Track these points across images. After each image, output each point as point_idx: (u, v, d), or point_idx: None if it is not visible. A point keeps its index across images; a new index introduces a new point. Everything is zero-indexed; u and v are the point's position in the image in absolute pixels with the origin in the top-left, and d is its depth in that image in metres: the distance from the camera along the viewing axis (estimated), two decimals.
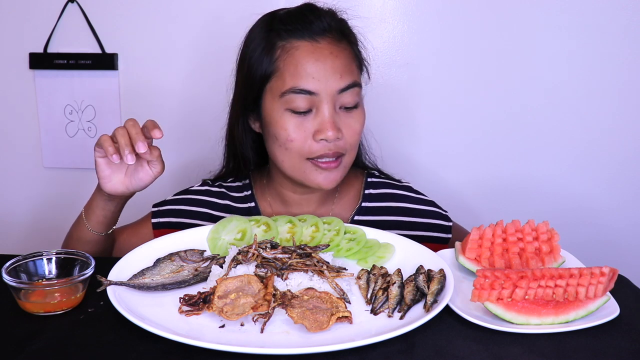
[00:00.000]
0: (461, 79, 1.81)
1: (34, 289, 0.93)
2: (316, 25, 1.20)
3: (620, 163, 1.83)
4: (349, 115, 1.21)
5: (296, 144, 1.19)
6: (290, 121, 1.19)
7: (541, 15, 1.74)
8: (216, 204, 1.38)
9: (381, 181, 1.41)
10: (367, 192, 1.38)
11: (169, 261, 1.04)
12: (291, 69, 1.17)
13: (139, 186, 1.16)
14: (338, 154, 1.21)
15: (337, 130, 1.18)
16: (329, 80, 1.17)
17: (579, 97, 1.79)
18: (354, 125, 1.22)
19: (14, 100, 1.93)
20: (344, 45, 1.22)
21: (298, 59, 1.17)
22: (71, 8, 1.84)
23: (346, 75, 1.19)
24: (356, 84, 1.21)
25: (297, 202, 1.35)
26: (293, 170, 1.24)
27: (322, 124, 1.17)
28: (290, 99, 1.17)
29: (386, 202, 1.37)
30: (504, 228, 1.07)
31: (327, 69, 1.17)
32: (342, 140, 1.20)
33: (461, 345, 0.85)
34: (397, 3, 1.78)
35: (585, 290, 0.90)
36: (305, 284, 0.96)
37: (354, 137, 1.22)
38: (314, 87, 1.16)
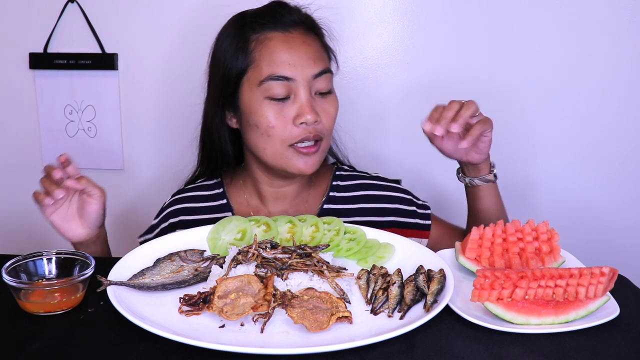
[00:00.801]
0: (461, 79, 1.81)
1: (34, 289, 0.93)
2: (287, 18, 1.27)
3: (621, 163, 1.83)
4: (324, 100, 1.27)
5: (277, 130, 1.23)
6: (270, 108, 1.23)
7: (541, 16, 1.74)
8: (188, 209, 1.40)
9: (349, 174, 1.46)
10: (335, 183, 1.42)
11: (169, 261, 1.04)
12: (267, 58, 1.23)
13: (95, 218, 1.19)
14: (317, 137, 1.25)
15: (315, 114, 1.23)
16: (303, 66, 1.22)
17: (579, 97, 1.79)
18: (329, 109, 1.28)
19: (14, 100, 1.93)
20: (313, 36, 1.29)
21: (273, 49, 1.23)
22: (71, 8, 1.84)
23: (319, 61, 1.25)
24: (328, 70, 1.28)
25: (274, 196, 1.39)
26: (274, 157, 1.27)
27: (300, 108, 1.23)
28: (268, 87, 1.22)
29: (353, 192, 1.41)
30: (504, 228, 1.07)
31: (302, 56, 1.23)
32: (320, 124, 1.25)
33: (461, 345, 0.85)
34: (397, 3, 1.78)
35: (585, 290, 0.90)
36: (305, 284, 0.96)
37: (330, 121, 1.28)
38: (291, 73, 1.22)
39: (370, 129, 1.87)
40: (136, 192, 1.96)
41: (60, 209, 1.17)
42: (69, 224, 1.19)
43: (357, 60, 1.83)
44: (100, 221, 1.21)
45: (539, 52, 1.76)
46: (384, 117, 1.87)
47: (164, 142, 1.92)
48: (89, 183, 1.15)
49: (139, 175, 1.96)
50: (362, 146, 1.88)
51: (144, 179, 1.96)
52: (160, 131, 1.92)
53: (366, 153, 1.88)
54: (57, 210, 1.17)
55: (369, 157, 1.88)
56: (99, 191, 1.17)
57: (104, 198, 1.18)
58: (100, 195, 1.17)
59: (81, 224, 1.19)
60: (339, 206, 1.39)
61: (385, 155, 1.89)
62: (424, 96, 1.83)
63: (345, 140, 1.53)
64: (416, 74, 1.82)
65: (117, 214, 1.97)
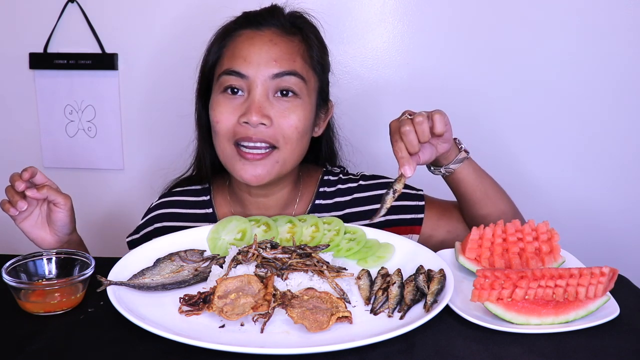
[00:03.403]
0: (461, 79, 1.81)
1: (34, 289, 0.93)
2: (267, 19, 1.24)
3: (621, 164, 1.83)
4: (284, 106, 1.19)
5: (222, 126, 1.19)
6: (222, 102, 1.20)
7: (542, 16, 1.74)
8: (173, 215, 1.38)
9: (335, 179, 1.38)
10: (322, 189, 1.36)
11: (169, 261, 1.04)
12: (230, 52, 1.22)
13: (61, 225, 1.18)
14: (265, 142, 1.18)
15: (262, 116, 1.16)
16: (261, 65, 1.18)
17: (579, 96, 1.79)
18: (289, 115, 1.19)
19: (14, 100, 1.93)
20: (291, 38, 1.23)
21: (237, 44, 1.22)
22: (71, 8, 1.84)
23: (283, 62, 1.19)
24: (295, 73, 1.20)
25: (256, 205, 1.33)
26: (223, 158, 1.23)
27: (248, 106, 1.17)
28: (224, 81, 1.20)
29: (339, 197, 1.35)
30: (504, 228, 1.07)
31: (263, 55, 1.18)
32: (270, 129, 1.18)
33: (461, 345, 0.85)
34: (397, 3, 1.78)
35: (585, 290, 0.90)
36: (305, 284, 0.96)
37: (289, 129, 1.19)
38: (246, 70, 1.18)
39: (370, 129, 1.87)
40: (136, 192, 1.96)
41: (30, 217, 1.17)
42: (39, 232, 1.18)
43: (357, 60, 1.83)
44: (68, 228, 1.19)
45: (540, 52, 1.76)
46: (383, 117, 1.86)
47: (164, 142, 1.92)
48: (51, 191, 1.13)
49: (139, 175, 1.96)
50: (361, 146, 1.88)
51: (144, 179, 1.96)
52: (161, 131, 1.92)
53: (365, 153, 1.88)
54: (26, 219, 1.17)
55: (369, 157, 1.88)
56: (63, 199, 1.14)
57: (69, 205, 1.16)
58: (65, 203, 1.15)
59: (50, 232, 1.18)
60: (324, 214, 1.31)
61: (384, 155, 1.89)
62: (423, 96, 1.83)
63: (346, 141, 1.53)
64: (416, 74, 1.82)
65: (116, 213, 1.97)
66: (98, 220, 1.96)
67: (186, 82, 1.87)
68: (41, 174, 1.14)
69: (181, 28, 1.84)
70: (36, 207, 1.17)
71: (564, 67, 1.77)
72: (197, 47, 1.85)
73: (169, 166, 1.48)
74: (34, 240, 1.19)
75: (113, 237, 1.93)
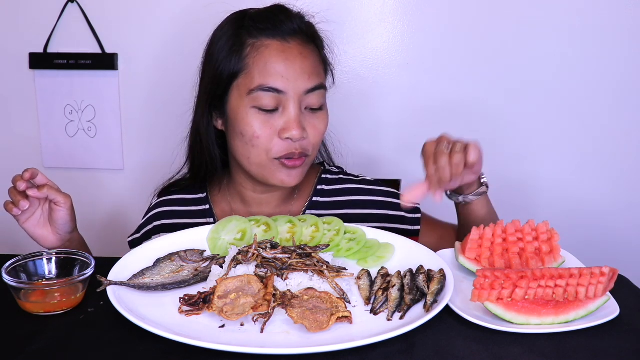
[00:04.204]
0: (462, 79, 1.81)
1: (34, 289, 0.93)
2: (286, 25, 1.22)
3: (621, 163, 1.83)
4: (314, 116, 1.24)
5: (262, 141, 1.20)
6: (257, 118, 1.20)
7: (543, 16, 1.74)
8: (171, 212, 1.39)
9: (335, 177, 1.41)
10: (320, 187, 1.39)
11: (169, 261, 1.04)
12: (260, 66, 1.19)
13: (63, 224, 1.19)
14: (303, 154, 1.22)
15: (302, 130, 1.20)
16: (297, 80, 1.19)
17: (579, 97, 1.79)
18: (319, 126, 1.24)
19: (14, 100, 1.93)
20: (312, 48, 1.25)
21: (268, 58, 1.19)
22: (71, 8, 1.84)
23: (314, 76, 1.21)
24: (322, 86, 1.24)
25: (258, 201, 1.36)
26: (258, 167, 1.24)
27: (288, 122, 1.19)
28: (258, 97, 1.19)
29: (337, 197, 1.38)
30: (504, 228, 1.07)
31: (297, 69, 1.19)
32: (306, 140, 1.22)
33: (461, 345, 0.85)
34: (397, 3, 1.78)
35: (585, 290, 0.90)
36: (305, 284, 0.96)
37: (318, 137, 1.25)
38: (283, 86, 1.18)
39: (370, 129, 1.87)
40: (136, 192, 1.96)
41: (33, 217, 1.18)
42: (41, 231, 1.19)
43: (357, 60, 1.83)
44: (69, 227, 1.20)
45: (541, 52, 1.76)
46: (383, 117, 1.87)
47: (164, 142, 1.92)
48: (52, 190, 1.14)
49: (139, 175, 1.96)
50: (361, 146, 1.88)
51: (144, 179, 1.96)
52: (160, 131, 1.92)
53: (365, 153, 1.88)
54: (29, 219, 1.18)
55: (368, 157, 1.88)
56: (63, 198, 1.16)
57: (70, 204, 1.18)
58: (65, 201, 1.16)
59: (52, 231, 1.20)
60: (321, 212, 1.35)
61: (384, 155, 1.89)
62: (423, 96, 1.83)
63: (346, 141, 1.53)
64: (416, 74, 1.82)
65: (116, 213, 1.98)
66: (98, 220, 1.96)
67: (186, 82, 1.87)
68: (42, 175, 1.15)
69: (181, 28, 1.84)
70: (38, 207, 1.19)
71: (564, 67, 1.77)
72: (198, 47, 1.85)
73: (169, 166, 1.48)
74: (37, 240, 1.20)
75: (113, 237, 1.93)
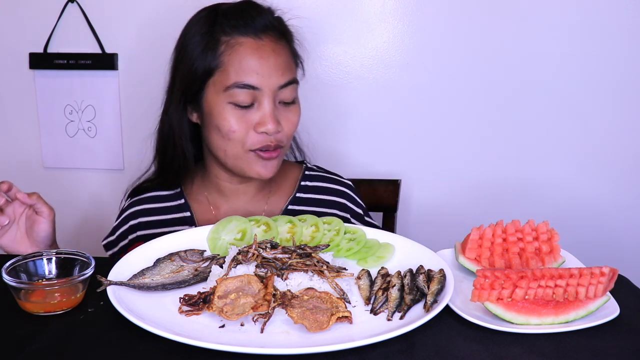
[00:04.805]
0: (462, 80, 1.81)
1: (34, 289, 0.93)
2: (258, 22, 1.25)
3: (621, 163, 1.83)
4: (288, 109, 1.28)
5: (238, 135, 1.24)
6: (233, 113, 1.24)
7: (543, 16, 1.74)
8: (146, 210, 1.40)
9: (319, 174, 1.45)
10: (303, 183, 1.43)
11: (169, 261, 1.04)
12: (235, 64, 1.22)
13: (44, 237, 1.18)
14: (278, 146, 1.27)
15: (277, 124, 1.24)
16: (271, 76, 1.23)
17: (578, 97, 1.79)
18: (292, 119, 1.29)
19: (14, 100, 1.93)
20: (283, 43, 1.28)
21: (242, 55, 1.22)
22: (71, 8, 1.84)
23: (287, 72, 1.25)
24: (294, 80, 1.28)
25: (234, 192, 1.39)
26: (234, 160, 1.28)
27: (263, 117, 1.23)
28: (233, 93, 1.22)
29: (322, 194, 1.41)
30: (504, 228, 1.07)
31: (270, 66, 1.23)
32: (281, 132, 1.26)
33: (461, 345, 0.85)
34: (397, 3, 1.78)
35: (585, 290, 0.90)
36: (305, 284, 0.96)
37: (292, 129, 1.30)
38: (257, 82, 1.22)
39: (370, 129, 1.87)
40: None
41: (9, 232, 1.17)
42: (19, 245, 1.18)
43: (357, 60, 1.83)
44: (49, 240, 1.19)
45: (541, 52, 1.76)
46: (383, 117, 1.86)
47: None
48: (39, 200, 1.14)
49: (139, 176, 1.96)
50: (361, 146, 1.88)
51: None
52: None
53: (365, 153, 1.88)
54: (5, 234, 1.17)
55: (368, 157, 1.88)
56: (47, 209, 1.16)
57: (53, 216, 1.17)
58: (49, 213, 1.16)
59: (30, 244, 1.18)
60: (304, 208, 1.39)
61: (384, 155, 1.89)
62: (423, 96, 1.83)
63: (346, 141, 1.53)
64: (416, 74, 1.82)
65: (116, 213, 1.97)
66: (98, 220, 1.96)
67: None
68: (16, 188, 1.15)
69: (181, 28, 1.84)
70: (14, 222, 1.17)
71: (564, 66, 1.77)
72: None
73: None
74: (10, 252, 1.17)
75: None
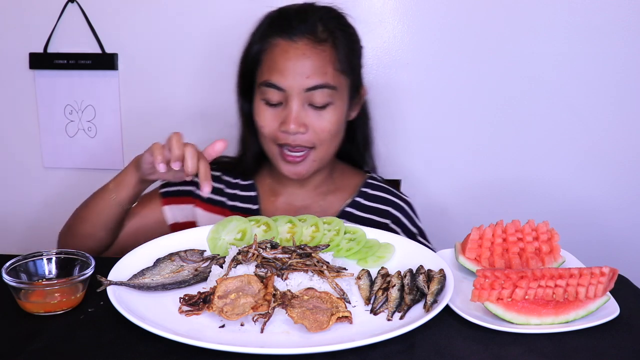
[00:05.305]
0: (462, 80, 1.81)
1: (34, 289, 0.93)
2: (299, 25, 1.28)
3: (621, 163, 1.82)
4: (318, 113, 1.29)
5: (266, 131, 1.31)
6: (263, 110, 1.30)
7: (543, 16, 1.74)
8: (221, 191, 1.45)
9: (381, 185, 1.48)
10: (364, 190, 1.45)
11: (169, 261, 1.04)
12: (268, 63, 1.29)
13: (182, 179, 1.23)
14: (301, 147, 1.30)
15: (299, 125, 1.27)
16: (296, 79, 1.26)
17: (579, 96, 1.79)
18: (322, 123, 1.30)
19: (14, 100, 1.93)
20: (322, 47, 1.28)
21: (274, 56, 1.28)
22: (71, 8, 1.84)
23: (315, 76, 1.26)
24: (327, 85, 1.28)
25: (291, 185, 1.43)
26: (269, 154, 1.36)
27: (286, 117, 1.28)
28: (264, 91, 1.29)
29: (380, 204, 1.43)
30: (504, 228, 1.07)
31: (297, 69, 1.26)
32: (306, 135, 1.29)
33: (461, 345, 0.85)
34: (397, 3, 1.78)
35: (585, 290, 0.90)
36: (305, 284, 0.96)
37: (323, 133, 1.30)
38: (282, 83, 1.26)
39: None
40: None
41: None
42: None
43: None
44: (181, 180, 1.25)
45: (541, 53, 1.76)
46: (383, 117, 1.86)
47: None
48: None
49: None
50: None
51: None
52: (161, 131, 1.91)
53: None
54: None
55: None
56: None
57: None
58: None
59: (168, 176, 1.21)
60: (360, 213, 1.41)
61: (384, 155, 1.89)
62: (423, 96, 1.83)
63: None
64: (416, 74, 1.82)
65: None
66: None
67: (186, 81, 1.88)
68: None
69: (181, 28, 1.84)
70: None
71: (563, 66, 1.77)
72: (197, 46, 1.85)
73: None
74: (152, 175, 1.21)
75: None
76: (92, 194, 1.33)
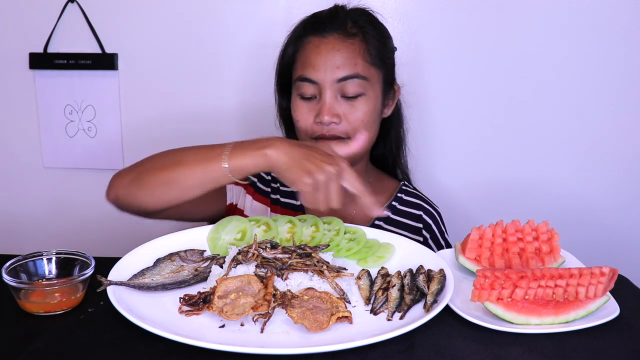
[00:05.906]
0: (462, 80, 1.81)
1: (34, 289, 0.93)
2: (329, 23, 1.36)
3: (621, 163, 1.82)
4: (350, 104, 1.34)
5: (302, 124, 1.36)
6: (299, 104, 1.36)
7: (544, 16, 1.74)
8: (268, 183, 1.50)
9: (415, 192, 1.54)
10: (399, 195, 1.51)
11: (169, 261, 1.04)
12: (302, 59, 1.36)
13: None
14: (336, 137, 1.34)
15: (332, 115, 1.32)
16: (327, 71, 1.32)
17: (579, 96, 1.79)
18: (355, 112, 1.34)
19: (14, 100, 1.93)
20: (352, 41, 1.34)
21: (307, 52, 1.35)
22: (71, 8, 1.84)
23: (346, 67, 1.32)
24: (357, 75, 1.33)
25: None
26: None
27: (320, 109, 1.33)
28: (299, 86, 1.35)
29: (414, 209, 1.49)
30: (504, 228, 1.07)
31: (328, 62, 1.32)
32: (340, 125, 1.33)
33: (461, 345, 0.85)
34: (397, 3, 1.78)
35: (585, 290, 0.91)
36: (305, 284, 0.96)
37: (357, 122, 1.34)
38: (315, 76, 1.32)
39: None
40: None
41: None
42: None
43: None
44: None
45: (540, 51, 1.76)
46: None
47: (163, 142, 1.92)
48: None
49: None
50: None
51: None
52: (160, 131, 1.92)
53: None
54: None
55: None
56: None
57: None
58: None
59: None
60: (395, 216, 1.46)
61: None
62: (423, 96, 1.83)
63: None
64: (416, 74, 1.82)
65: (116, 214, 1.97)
66: (98, 220, 1.96)
67: (186, 81, 1.88)
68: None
69: (181, 28, 1.84)
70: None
71: (564, 66, 1.77)
72: (197, 46, 1.85)
73: None
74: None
75: (113, 237, 1.93)
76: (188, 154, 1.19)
